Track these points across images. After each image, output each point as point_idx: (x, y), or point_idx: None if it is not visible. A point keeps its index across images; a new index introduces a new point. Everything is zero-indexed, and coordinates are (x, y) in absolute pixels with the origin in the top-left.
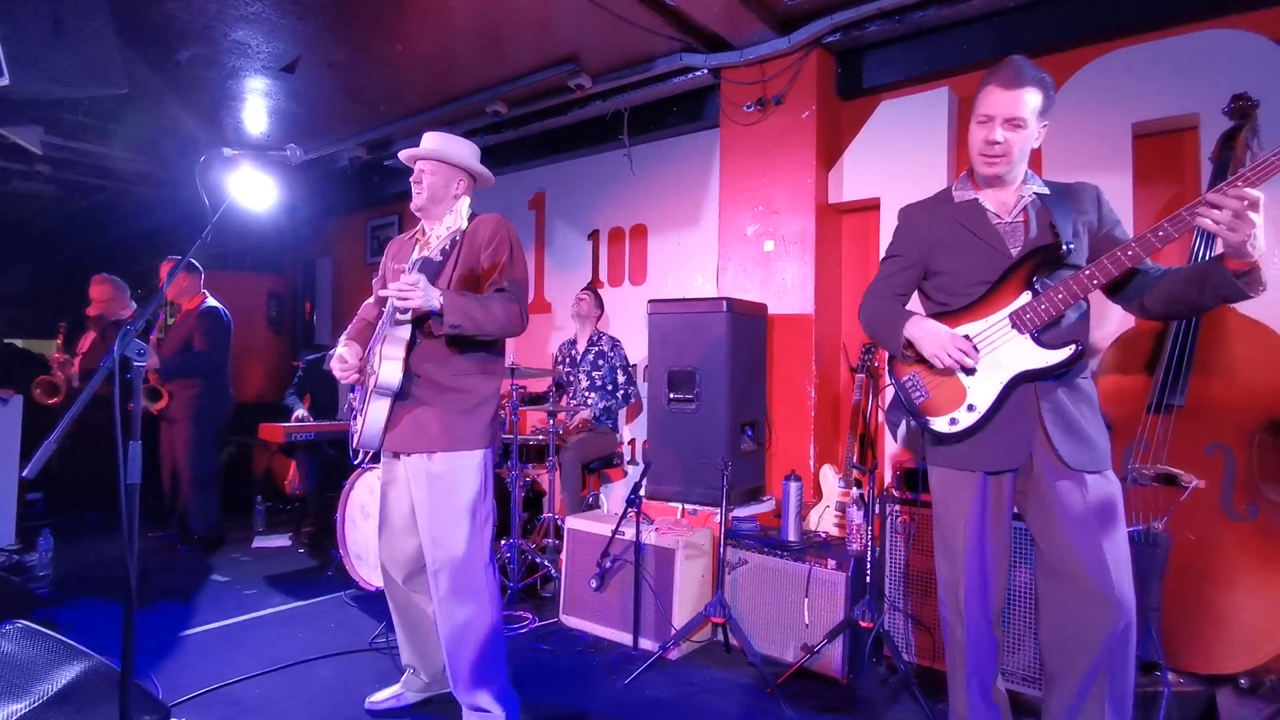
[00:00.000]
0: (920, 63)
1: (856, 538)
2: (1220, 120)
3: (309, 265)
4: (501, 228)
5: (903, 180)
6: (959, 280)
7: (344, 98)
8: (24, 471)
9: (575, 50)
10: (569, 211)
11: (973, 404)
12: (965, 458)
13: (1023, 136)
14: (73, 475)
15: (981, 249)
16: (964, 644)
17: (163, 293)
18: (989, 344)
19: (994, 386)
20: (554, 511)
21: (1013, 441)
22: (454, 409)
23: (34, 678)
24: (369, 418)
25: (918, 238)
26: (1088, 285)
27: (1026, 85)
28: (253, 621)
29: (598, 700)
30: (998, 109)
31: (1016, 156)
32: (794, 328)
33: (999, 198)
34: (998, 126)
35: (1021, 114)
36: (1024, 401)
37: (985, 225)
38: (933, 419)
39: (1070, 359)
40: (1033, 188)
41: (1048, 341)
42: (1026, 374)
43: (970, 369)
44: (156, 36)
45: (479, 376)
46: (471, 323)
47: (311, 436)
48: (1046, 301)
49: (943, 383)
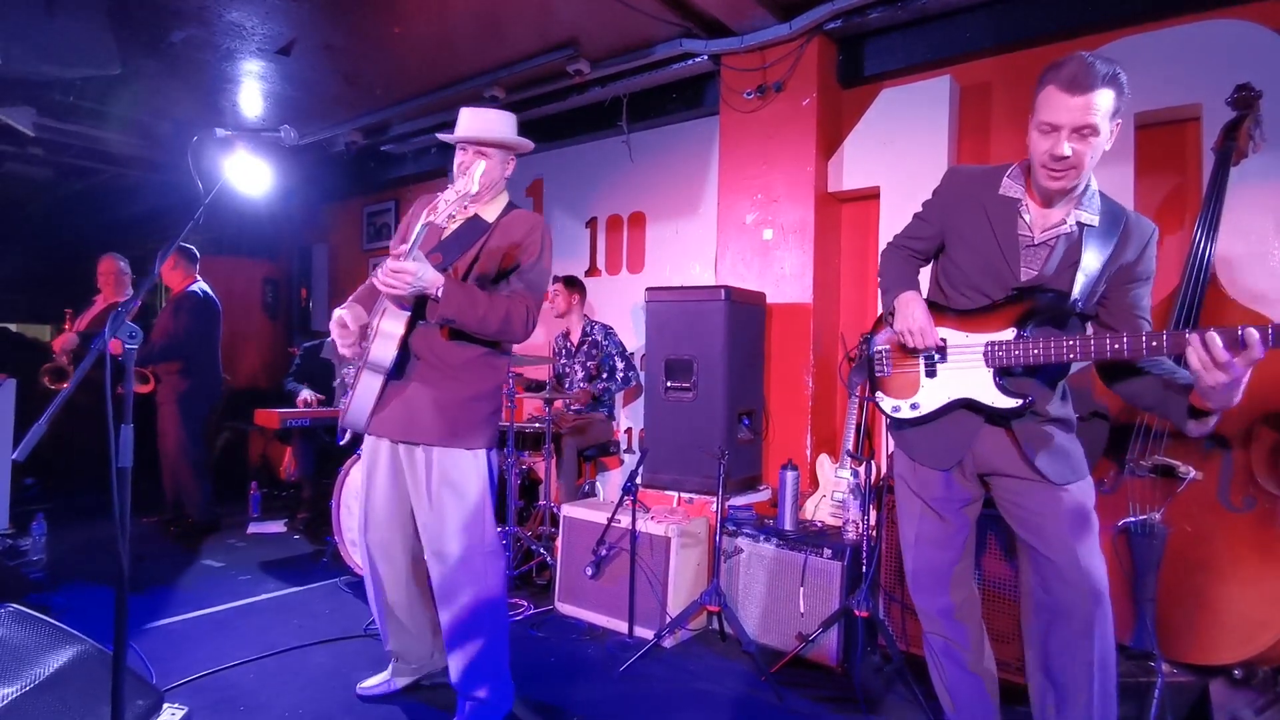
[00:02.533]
0: (922, 50)
1: (852, 527)
2: (1223, 111)
3: (305, 251)
4: (538, 229)
5: (903, 169)
6: (962, 278)
7: (340, 81)
8: (14, 454)
9: (574, 35)
10: (567, 199)
11: (917, 403)
12: (912, 447)
13: (1094, 145)
14: (67, 459)
15: (995, 258)
16: (926, 629)
17: (154, 275)
18: (957, 359)
19: (941, 399)
20: (550, 499)
21: (947, 445)
22: (452, 397)
23: (26, 662)
24: (357, 394)
25: (946, 209)
26: (1064, 356)
27: (1097, 87)
28: (247, 607)
29: (593, 687)
30: (1064, 117)
31: (1088, 166)
32: (792, 317)
33: (1043, 210)
34: (1064, 139)
35: (1092, 120)
36: (963, 416)
37: (1010, 235)
38: (882, 397)
39: (1015, 410)
40: (1082, 214)
41: (1008, 386)
42: (971, 403)
43: (930, 368)
44: (150, 17)
45: (482, 368)
46: (469, 319)
47: (307, 423)
48: (1022, 349)
49: (905, 370)
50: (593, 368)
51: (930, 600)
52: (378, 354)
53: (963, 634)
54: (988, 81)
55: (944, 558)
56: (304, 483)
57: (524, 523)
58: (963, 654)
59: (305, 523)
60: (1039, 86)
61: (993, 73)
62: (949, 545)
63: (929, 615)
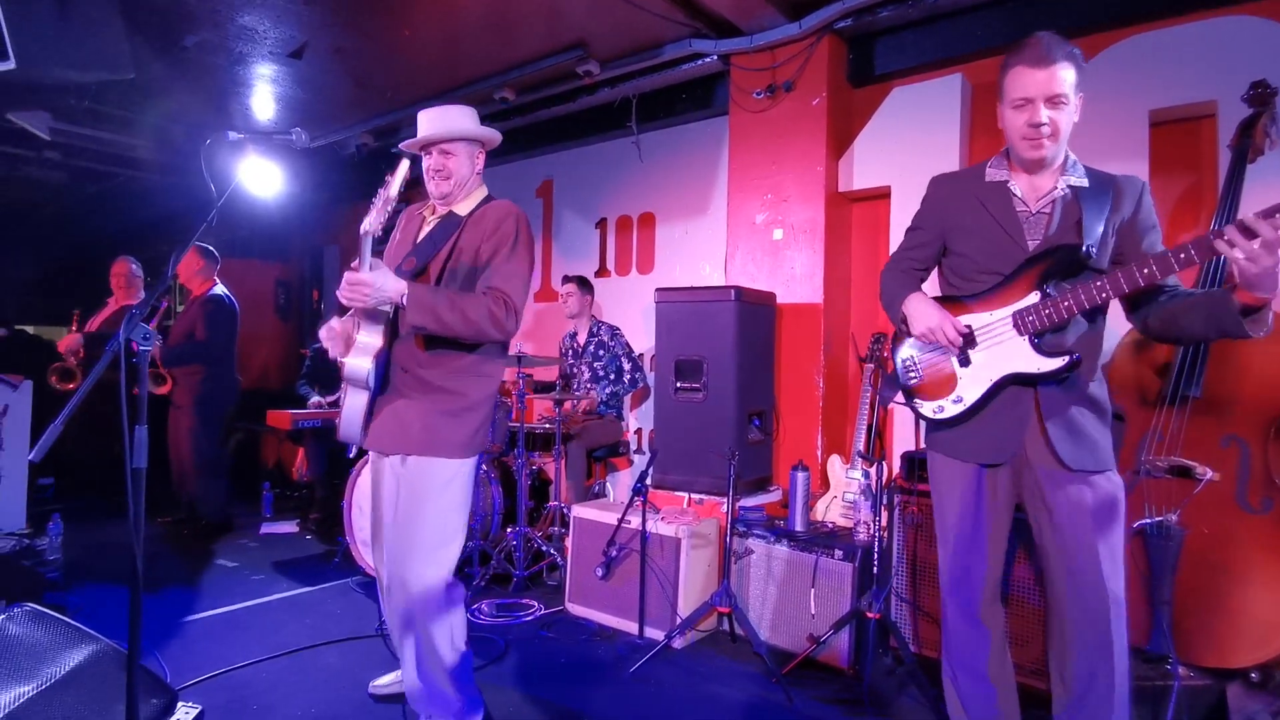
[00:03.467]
0: (933, 49)
1: (864, 528)
2: (1239, 108)
3: (316, 253)
4: (509, 217)
5: (914, 168)
6: (971, 266)
7: (351, 84)
8: (30, 455)
9: (584, 36)
10: (576, 200)
11: (960, 396)
12: (956, 446)
13: (1065, 114)
14: (83, 460)
15: (999, 237)
16: (950, 629)
17: (168, 278)
18: (988, 339)
19: (983, 383)
20: (560, 500)
21: (1001, 436)
22: (439, 410)
23: (42, 661)
24: (345, 407)
25: (939, 213)
26: (1096, 298)
27: (1058, 61)
28: (260, 607)
29: (603, 688)
30: (1035, 89)
31: (1063, 134)
32: (802, 317)
33: (1032, 183)
34: (1040, 106)
35: (1061, 90)
36: (1015, 398)
37: (1008, 212)
38: (921, 403)
39: (1063, 369)
40: (1070, 179)
41: (1046, 347)
42: (1018, 376)
43: (963, 357)
44: (163, 21)
45: (472, 379)
46: (437, 323)
47: (318, 424)
48: (1051, 307)
49: (937, 370)
50: (600, 369)
51: (960, 605)
52: (352, 368)
53: (985, 640)
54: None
55: (979, 561)
56: (316, 483)
57: (534, 523)
58: (980, 662)
59: (317, 523)
60: (1003, 71)
61: None
62: (985, 548)
63: (956, 620)
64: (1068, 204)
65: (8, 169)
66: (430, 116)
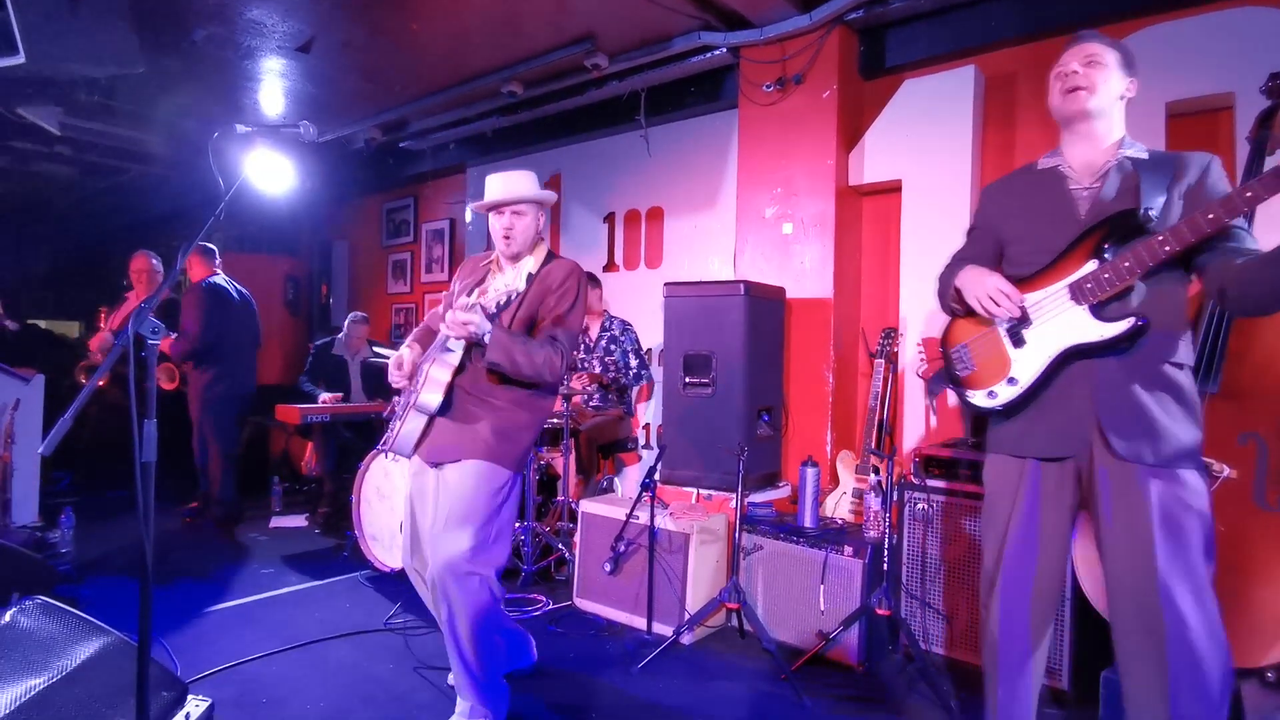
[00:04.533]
0: (945, 40)
1: (874, 525)
2: (1257, 99)
3: (325, 248)
4: (573, 275)
5: (926, 161)
6: (1025, 248)
7: (359, 78)
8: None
9: (592, 29)
10: (585, 193)
11: (1014, 377)
12: (1015, 441)
13: (1105, 75)
14: (98, 453)
15: (1051, 215)
16: (996, 644)
17: (176, 272)
18: (1043, 315)
19: (1040, 360)
20: (568, 495)
21: (1065, 425)
22: (500, 426)
23: (53, 653)
24: (405, 427)
25: (992, 209)
26: (1158, 253)
27: (1095, 40)
28: (269, 600)
29: (611, 684)
30: (1070, 58)
31: (1101, 93)
32: (812, 312)
33: (1085, 160)
34: (1074, 62)
35: (1096, 53)
36: (1077, 379)
37: (1060, 190)
38: (973, 393)
39: (1125, 334)
40: (1127, 152)
41: (1108, 314)
42: (1078, 348)
43: (1016, 337)
44: (172, 15)
45: (526, 408)
46: (510, 364)
47: (327, 418)
48: (1111, 271)
49: (990, 355)
50: (610, 363)
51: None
52: (425, 399)
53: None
54: (1013, 71)
55: (1027, 573)
56: (325, 478)
57: (542, 518)
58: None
59: (326, 517)
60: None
61: (1018, 62)
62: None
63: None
64: (1125, 172)
65: (19, 164)
66: (501, 180)
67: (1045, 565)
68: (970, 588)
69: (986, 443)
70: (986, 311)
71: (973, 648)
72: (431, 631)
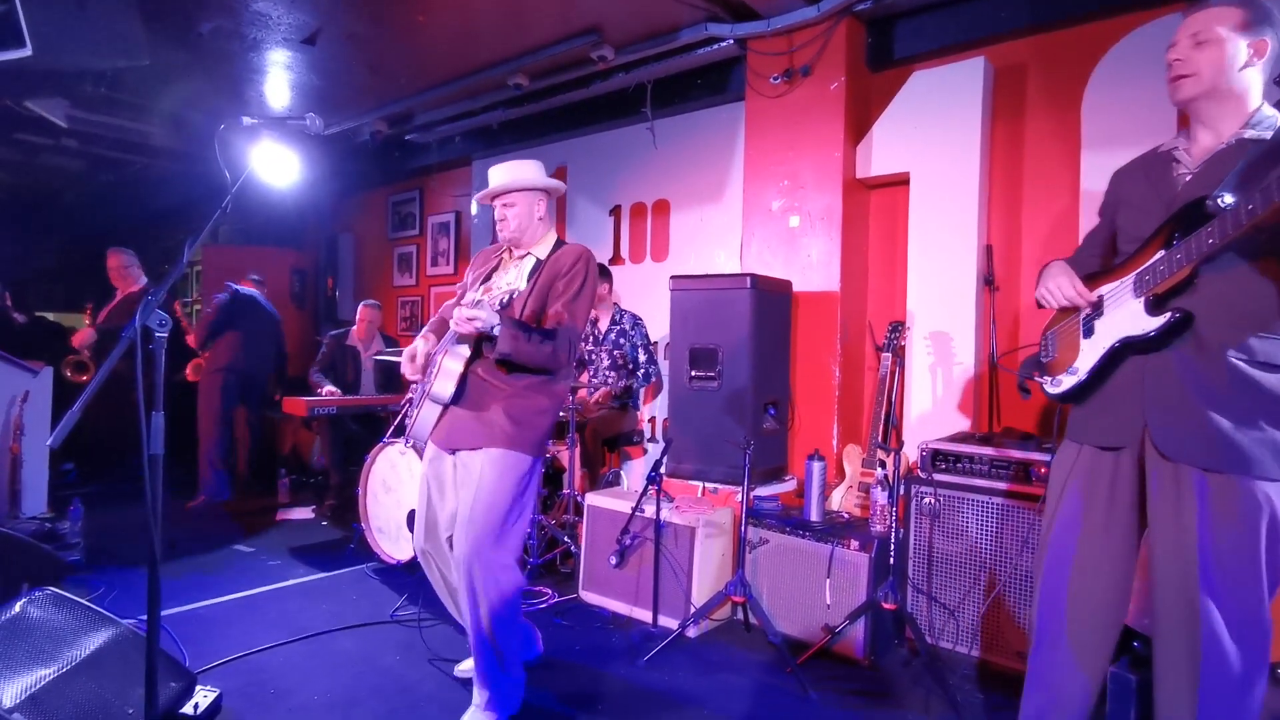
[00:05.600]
0: (954, 31)
1: (880, 519)
2: (1271, 90)
3: (331, 240)
4: (582, 259)
5: (934, 154)
6: (1124, 237)
7: (364, 71)
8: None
9: (598, 21)
10: (591, 186)
11: (1075, 367)
12: (1078, 427)
13: (1214, 54)
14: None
15: (1150, 202)
16: (1030, 664)
17: (181, 266)
18: (1113, 305)
19: (1098, 350)
20: (574, 488)
21: (1119, 417)
22: (518, 412)
23: (62, 644)
24: (420, 417)
25: (1113, 194)
26: (1203, 245)
27: (1210, 6)
28: (277, 592)
29: (617, 677)
30: (1180, 31)
31: (1208, 77)
32: (819, 305)
33: (1205, 143)
34: (1179, 43)
35: (1206, 28)
36: (1134, 375)
37: (1165, 176)
38: (1046, 380)
39: (1163, 328)
40: (1249, 132)
41: (1161, 307)
42: (1128, 341)
43: (1088, 326)
44: (178, 7)
45: (542, 392)
46: (519, 354)
47: (334, 411)
48: (1165, 262)
49: (1066, 343)
50: (619, 356)
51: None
52: (439, 389)
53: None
54: (1023, 63)
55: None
56: (332, 470)
57: (548, 511)
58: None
59: (333, 509)
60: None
61: (1028, 53)
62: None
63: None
64: (1228, 156)
65: (26, 157)
66: (497, 170)
67: (1090, 552)
68: (976, 582)
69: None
70: (1046, 302)
71: (979, 643)
72: (439, 623)
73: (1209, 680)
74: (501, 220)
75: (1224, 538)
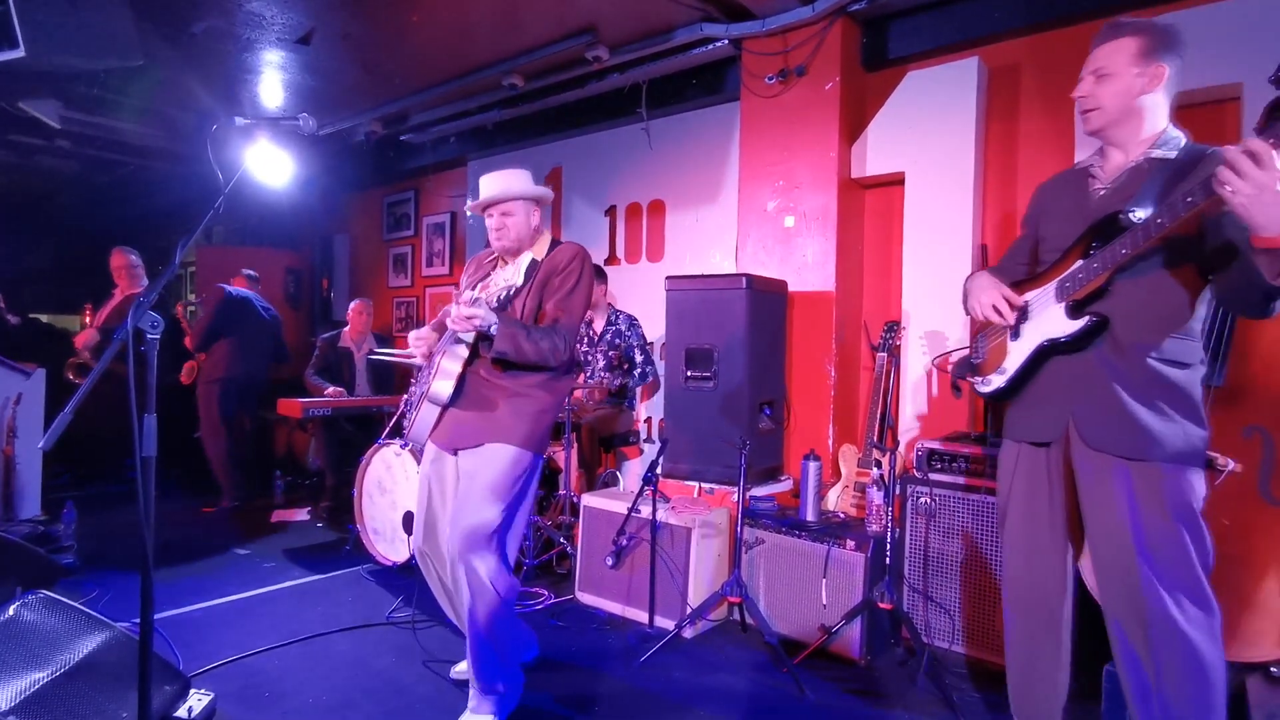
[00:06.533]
0: (949, 31)
1: (876, 519)
2: (1265, 90)
3: (326, 241)
4: (578, 257)
5: (929, 154)
6: (1046, 246)
7: (359, 71)
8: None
9: (593, 21)
10: (586, 187)
11: (1004, 368)
12: (1012, 426)
13: (1115, 87)
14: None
15: (1070, 215)
16: (1007, 641)
17: (175, 265)
18: (1037, 310)
19: (1024, 352)
20: (570, 489)
21: (1047, 413)
22: (519, 410)
23: (56, 648)
24: (419, 418)
25: (1035, 207)
26: (1116, 255)
27: (1112, 38)
28: (272, 594)
29: (613, 677)
30: (1085, 68)
31: (1111, 107)
32: (814, 305)
33: (1115, 161)
34: (1084, 80)
35: (1106, 63)
36: (1062, 374)
37: (1082, 191)
38: (978, 380)
39: (1082, 330)
40: (1155, 152)
41: (1080, 312)
42: (1051, 343)
43: (1015, 330)
44: (171, 7)
45: (543, 388)
46: (517, 352)
47: (328, 412)
48: (1084, 270)
49: (996, 346)
50: (615, 357)
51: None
52: (437, 390)
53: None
54: (1017, 63)
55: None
56: (327, 471)
57: (544, 512)
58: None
59: (328, 511)
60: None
61: (1023, 54)
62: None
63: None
64: (1140, 173)
65: (20, 158)
66: (489, 180)
67: (1033, 544)
68: (973, 581)
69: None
70: (976, 315)
71: (975, 641)
72: (434, 625)
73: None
74: (501, 229)
75: (1152, 520)
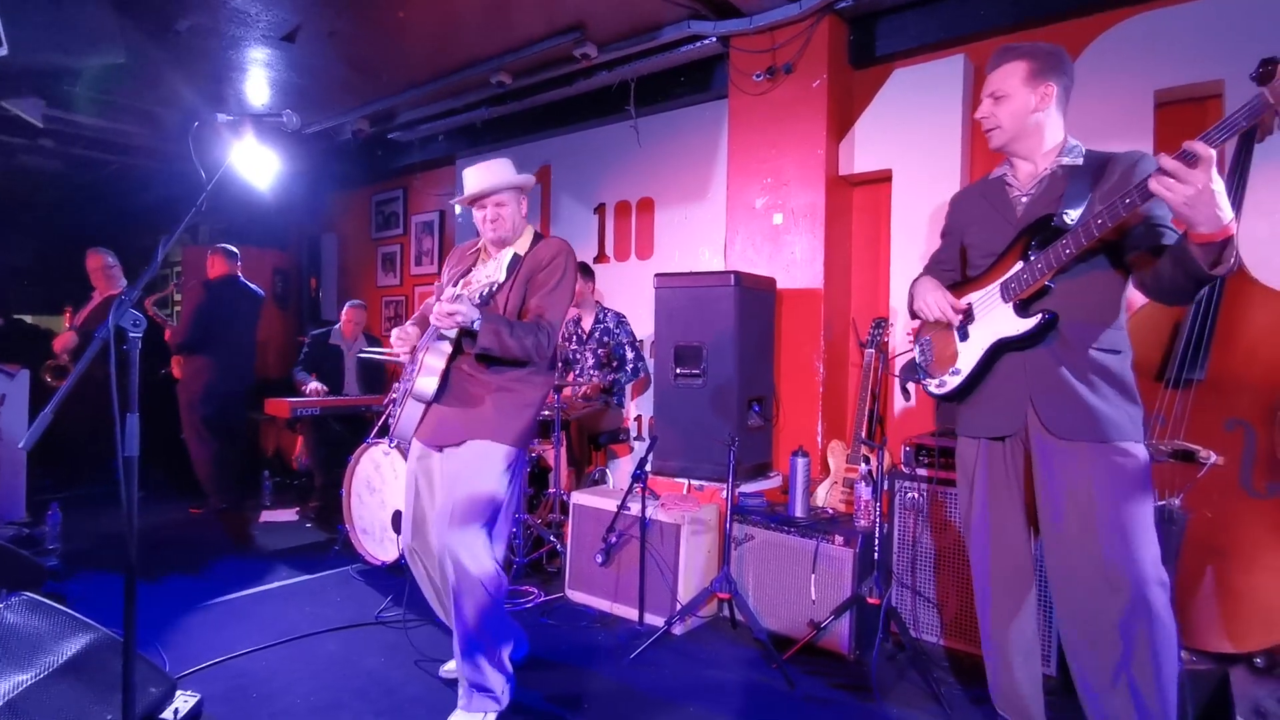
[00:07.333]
0: (935, 29)
1: (864, 514)
2: (1247, 87)
3: (314, 241)
4: (561, 253)
5: (916, 151)
6: (977, 252)
7: (346, 68)
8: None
9: (581, 18)
10: (574, 185)
11: (958, 368)
12: (969, 424)
13: (1009, 107)
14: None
15: (996, 222)
16: (982, 630)
17: (155, 265)
18: (983, 311)
19: (976, 352)
20: (559, 487)
21: (1005, 408)
22: (503, 404)
23: (40, 650)
24: (404, 415)
25: (956, 216)
26: (1061, 256)
27: (1004, 62)
28: (259, 595)
29: (604, 675)
30: (983, 90)
31: (1009, 126)
32: (803, 302)
33: (1026, 171)
34: (984, 102)
35: (1001, 85)
36: (1014, 368)
37: (1003, 199)
38: (929, 381)
39: (1036, 327)
40: (1064, 160)
41: (1030, 310)
42: (1005, 341)
43: (963, 332)
44: (155, 5)
45: (527, 383)
46: (500, 347)
47: (317, 412)
48: (1028, 271)
49: (944, 347)
50: (603, 355)
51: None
52: (421, 387)
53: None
54: None
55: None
56: (315, 471)
57: (533, 510)
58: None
59: (317, 511)
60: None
61: None
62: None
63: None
64: (1056, 180)
65: (2, 157)
66: (477, 173)
67: (1000, 535)
68: (961, 576)
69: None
70: (927, 316)
71: (963, 635)
72: (424, 624)
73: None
74: (496, 220)
75: (1119, 495)
